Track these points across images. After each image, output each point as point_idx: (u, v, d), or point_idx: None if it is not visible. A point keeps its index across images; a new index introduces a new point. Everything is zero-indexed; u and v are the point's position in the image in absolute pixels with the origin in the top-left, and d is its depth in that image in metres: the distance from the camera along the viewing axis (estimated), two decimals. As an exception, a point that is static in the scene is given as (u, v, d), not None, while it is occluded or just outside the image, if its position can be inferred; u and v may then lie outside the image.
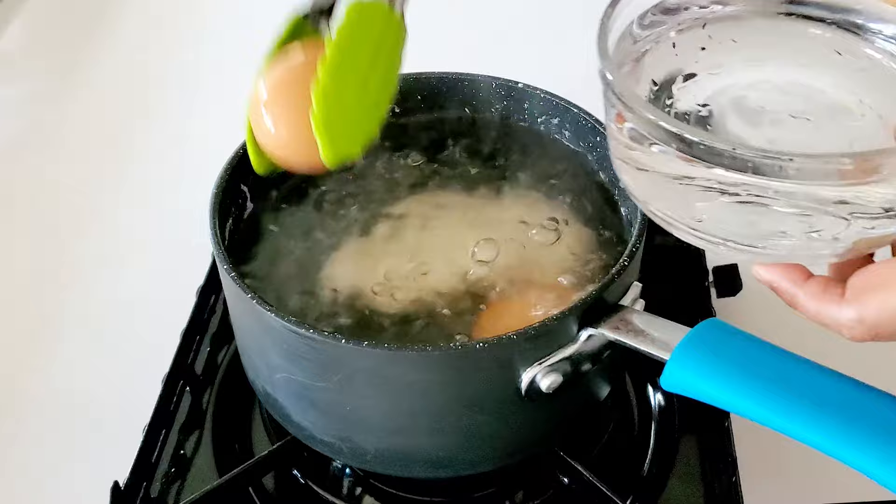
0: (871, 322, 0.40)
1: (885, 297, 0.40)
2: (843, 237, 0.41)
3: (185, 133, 0.95)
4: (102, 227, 0.85)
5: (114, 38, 1.10)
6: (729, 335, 0.46)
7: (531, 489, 0.60)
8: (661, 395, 0.64)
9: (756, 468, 0.61)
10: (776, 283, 0.44)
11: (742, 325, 0.46)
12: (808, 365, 0.43)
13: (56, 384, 0.71)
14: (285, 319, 0.49)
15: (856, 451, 0.40)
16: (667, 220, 0.44)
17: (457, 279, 0.57)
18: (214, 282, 0.72)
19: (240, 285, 0.51)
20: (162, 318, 0.71)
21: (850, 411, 0.41)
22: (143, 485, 0.60)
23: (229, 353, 0.69)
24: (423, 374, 0.49)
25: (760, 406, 0.43)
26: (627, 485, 0.59)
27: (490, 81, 0.65)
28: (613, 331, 0.50)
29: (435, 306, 0.56)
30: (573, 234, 0.60)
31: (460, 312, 0.55)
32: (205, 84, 1.02)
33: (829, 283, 0.43)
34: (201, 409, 0.66)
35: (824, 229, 0.40)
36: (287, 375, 0.53)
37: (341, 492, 0.61)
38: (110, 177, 0.90)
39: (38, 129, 0.97)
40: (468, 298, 0.56)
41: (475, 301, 0.56)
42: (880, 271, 0.41)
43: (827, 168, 0.38)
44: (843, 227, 0.41)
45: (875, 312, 0.40)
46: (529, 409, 0.52)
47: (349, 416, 0.52)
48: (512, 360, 0.49)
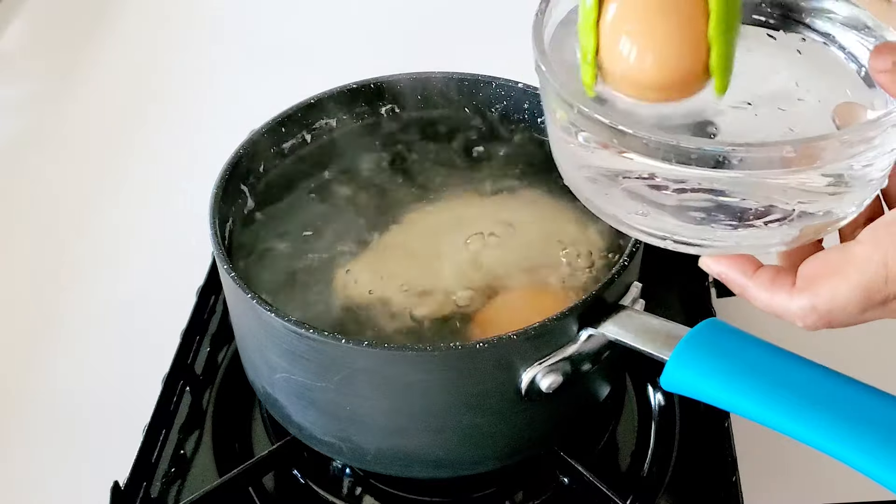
0: (823, 309, 0.40)
1: (836, 284, 0.40)
2: (789, 225, 0.40)
3: (185, 133, 0.95)
4: (102, 227, 0.85)
5: (114, 38, 1.10)
6: (729, 335, 0.45)
7: (531, 489, 0.60)
8: (661, 395, 0.64)
9: (756, 468, 0.61)
10: (725, 275, 0.44)
11: (742, 325, 0.46)
12: (808, 365, 0.43)
13: (56, 384, 0.71)
14: (285, 319, 0.49)
15: (856, 451, 0.40)
16: (611, 216, 0.44)
17: (458, 277, 0.57)
18: (214, 282, 0.72)
19: (240, 285, 0.51)
20: (162, 318, 0.71)
21: (850, 411, 0.41)
22: (143, 485, 0.60)
23: (229, 353, 0.69)
24: (423, 374, 0.49)
25: (760, 406, 0.42)
26: (627, 485, 0.59)
27: (490, 81, 0.65)
28: (613, 331, 0.50)
29: (436, 305, 0.56)
30: (573, 233, 0.60)
31: (463, 311, 0.55)
32: (205, 84, 1.02)
33: (779, 273, 0.42)
34: (201, 409, 0.66)
35: (770, 218, 0.40)
36: (287, 375, 0.53)
37: (341, 492, 0.61)
38: (110, 177, 0.90)
39: (38, 129, 0.97)
40: (470, 296, 0.56)
41: (477, 300, 0.56)
42: (830, 258, 0.41)
43: (770, 156, 0.37)
44: (789, 215, 0.40)
45: (826, 300, 0.40)
46: (529, 409, 0.52)
47: (349, 416, 0.52)
48: (512, 360, 0.49)
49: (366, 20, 1.08)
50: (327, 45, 1.04)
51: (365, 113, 0.66)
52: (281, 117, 0.63)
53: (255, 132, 0.61)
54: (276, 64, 1.02)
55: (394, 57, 0.96)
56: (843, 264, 0.40)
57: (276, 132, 0.63)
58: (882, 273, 0.38)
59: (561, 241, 0.59)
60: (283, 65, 1.02)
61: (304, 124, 0.64)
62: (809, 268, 0.41)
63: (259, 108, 0.64)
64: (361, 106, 0.65)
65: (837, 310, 0.40)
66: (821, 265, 0.41)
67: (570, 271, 0.57)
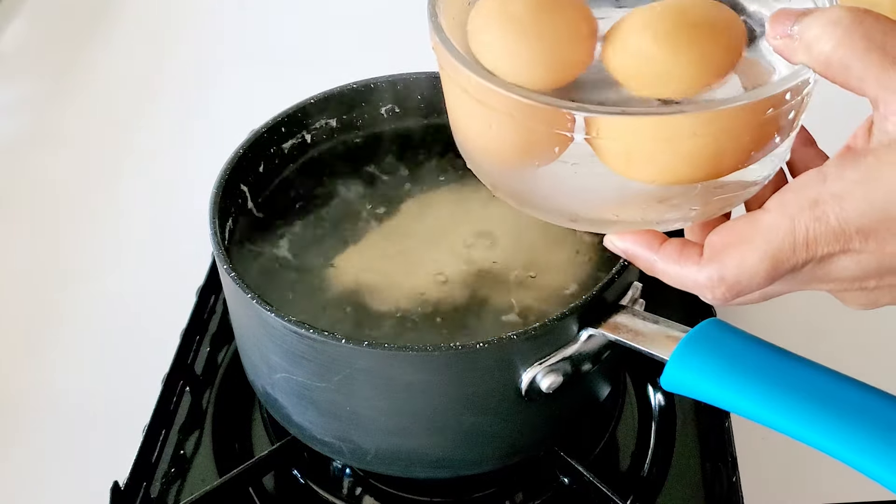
0: (731, 280, 0.39)
1: (744, 253, 0.39)
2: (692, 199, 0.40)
3: (184, 133, 0.95)
4: (102, 226, 0.85)
5: (114, 38, 1.10)
6: (729, 335, 0.45)
7: (531, 489, 0.60)
8: (661, 395, 0.64)
9: (756, 468, 0.61)
10: (631, 251, 0.43)
11: (742, 325, 0.46)
12: (809, 365, 0.43)
13: (56, 384, 0.71)
14: (285, 319, 0.49)
15: (856, 451, 0.40)
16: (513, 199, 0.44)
17: (459, 275, 0.57)
18: (214, 282, 0.72)
19: (240, 285, 0.51)
20: (162, 318, 0.71)
21: (851, 411, 0.41)
22: (143, 485, 0.60)
23: (229, 353, 0.69)
24: (424, 374, 0.49)
25: (760, 406, 0.42)
26: (627, 485, 0.59)
27: (490, 81, 0.65)
28: (613, 331, 0.50)
29: (438, 304, 0.56)
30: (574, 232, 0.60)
31: (465, 311, 0.55)
32: (204, 84, 1.02)
33: (686, 245, 0.41)
34: (201, 409, 0.66)
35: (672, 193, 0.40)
36: (287, 375, 0.53)
37: (341, 492, 0.61)
38: (110, 176, 0.90)
39: (38, 129, 0.97)
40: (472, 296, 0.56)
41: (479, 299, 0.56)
42: (737, 227, 0.40)
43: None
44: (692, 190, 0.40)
45: (734, 270, 0.39)
46: (529, 410, 0.52)
47: (349, 416, 0.52)
48: (512, 360, 0.49)
49: (366, 20, 1.08)
50: (327, 46, 1.04)
51: (365, 113, 0.66)
52: (281, 117, 0.63)
53: (255, 132, 0.61)
54: (276, 64, 1.02)
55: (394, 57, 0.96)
56: (751, 233, 0.39)
57: (276, 132, 0.63)
58: (790, 240, 0.38)
59: (557, 239, 0.59)
60: (283, 65, 1.02)
61: (304, 124, 0.64)
62: (716, 238, 0.40)
63: (259, 108, 0.64)
64: (361, 106, 0.65)
65: (745, 279, 0.39)
66: (728, 234, 0.40)
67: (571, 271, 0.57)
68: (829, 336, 0.62)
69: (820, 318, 0.65)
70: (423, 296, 0.56)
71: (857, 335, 0.66)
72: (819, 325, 0.65)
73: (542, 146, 0.40)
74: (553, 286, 0.57)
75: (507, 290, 0.56)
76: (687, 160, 0.39)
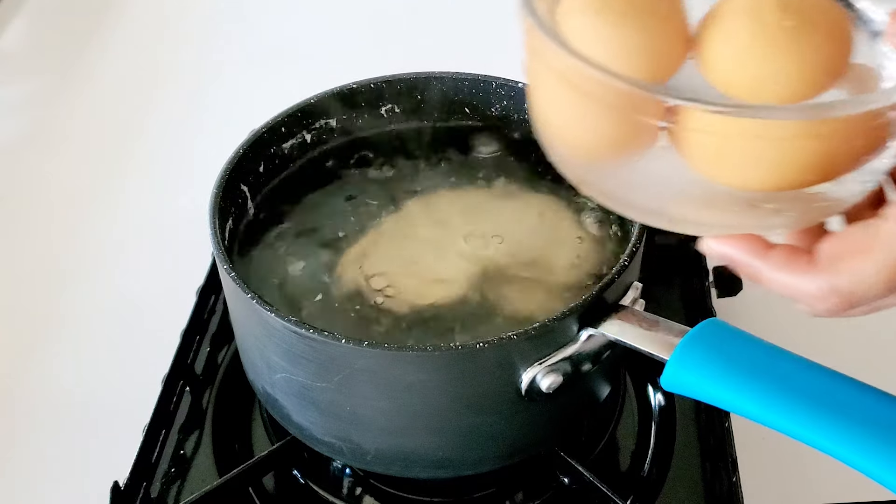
0: (846, 290, 0.37)
1: (861, 264, 0.37)
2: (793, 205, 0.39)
3: (185, 133, 0.95)
4: (103, 226, 0.85)
5: (114, 37, 1.10)
6: (729, 335, 0.45)
7: (531, 489, 0.60)
8: (661, 395, 0.64)
9: (756, 468, 0.61)
10: (733, 256, 0.40)
11: (742, 325, 0.46)
12: (809, 365, 0.43)
13: (56, 384, 0.71)
14: (285, 319, 0.49)
15: (856, 451, 0.40)
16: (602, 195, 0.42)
17: (460, 275, 0.57)
18: (214, 282, 0.72)
19: (240, 285, 0.51)
20: (162, 318, 0.71)
21: (851, 411, 0.41)
22: (143, 485, 0.60)
23: (229, 353, 0.69)
24: (424, 374, 0.49)
25: (760, 406, 0.42)
26: (627, 485, 0.59)
27: (490, 81, 0.65)
28: (613, 331, 0.50)
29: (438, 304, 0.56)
30: (574, 231, 0.60)
31: (466, 311, 0.55)
32: (205, 84, 1.02)
33: (795, 252, 0.39)
34: (201, 409, 0.66)
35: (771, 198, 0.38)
36: (287, 375, 0.53)
37: (341, 492, 0.61)
38: (110, 176, 0.90)
39: (38, 129, 0.97)
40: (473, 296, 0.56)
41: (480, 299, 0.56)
42: (853, 236, 0.38)
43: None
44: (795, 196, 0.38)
45: (849, 281, 0.37)
46: (529, 410, 0.52)
47: (349, 416, 0.52)
48: (512, 360, 0.49)
49: (366, 20, 1.08)
50: (327, 45, 1.04)
51: (365, 113, 0.66)
52: (281, 117, 0.63)
53: (255, 132, 0.61)
54: (276, 64, 1.02)
55: (394, 57, 0.96)
56: (869, 242, 0.37)
57: (276, 132, 0.63)
58: None
59: (561, 239, 0.59)
60: (283, 65, 1.02)
61: (304, 124, 0.64)
62: (830, 246, 0.38)
63: (259, 108, 0.64)
64: (361, 106, 0.65)
65: (862, 290, 0.37)
66: (843, 243, 0.38)
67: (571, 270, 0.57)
68: (830, 336, 0.62)
69: (820, 318, 0.65)
70: (423, 295, 0.56)
71: (858, 335, 0.66)
72: (819, 325, 0.65)
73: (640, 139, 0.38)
74: (554, 286, 0.57)
75: (507, 289, 0.56)
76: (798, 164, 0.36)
